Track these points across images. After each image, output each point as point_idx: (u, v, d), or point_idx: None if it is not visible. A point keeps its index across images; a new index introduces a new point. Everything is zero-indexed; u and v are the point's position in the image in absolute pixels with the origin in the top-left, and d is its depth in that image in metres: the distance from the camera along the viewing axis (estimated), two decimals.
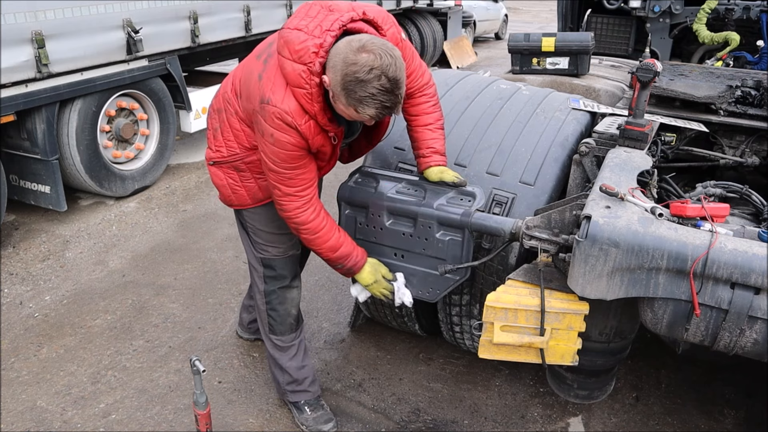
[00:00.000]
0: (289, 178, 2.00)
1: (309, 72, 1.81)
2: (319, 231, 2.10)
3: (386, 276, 2.24)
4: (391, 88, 1.75)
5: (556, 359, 1.99)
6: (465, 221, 2.08)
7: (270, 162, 1.98)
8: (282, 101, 1.87)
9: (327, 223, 2.12)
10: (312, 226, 2.08)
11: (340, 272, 2.24)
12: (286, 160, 1.95)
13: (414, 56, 2.17)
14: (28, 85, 4.04)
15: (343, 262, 2.16)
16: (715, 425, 2.67)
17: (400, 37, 2.06)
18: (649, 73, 2.10)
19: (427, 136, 2.23)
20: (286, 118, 1.87)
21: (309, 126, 1.91)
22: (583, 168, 2.33)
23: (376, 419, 2.66)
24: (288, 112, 1.87)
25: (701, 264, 1.65)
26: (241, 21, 5.90)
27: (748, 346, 1.74)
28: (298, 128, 1.89)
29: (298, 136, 1.91)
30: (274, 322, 2.46)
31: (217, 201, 4.83)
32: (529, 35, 3.55)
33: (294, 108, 1.87)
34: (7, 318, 3.35)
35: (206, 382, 2.78)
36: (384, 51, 1.74)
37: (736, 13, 4.06)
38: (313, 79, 1.82)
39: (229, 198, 2.31)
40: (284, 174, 1.99)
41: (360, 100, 1.76)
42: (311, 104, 1.86)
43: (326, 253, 2.14)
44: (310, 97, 1.85)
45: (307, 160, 2.01)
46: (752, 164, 2.69)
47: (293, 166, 1.98)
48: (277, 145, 1.92)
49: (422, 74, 2.20)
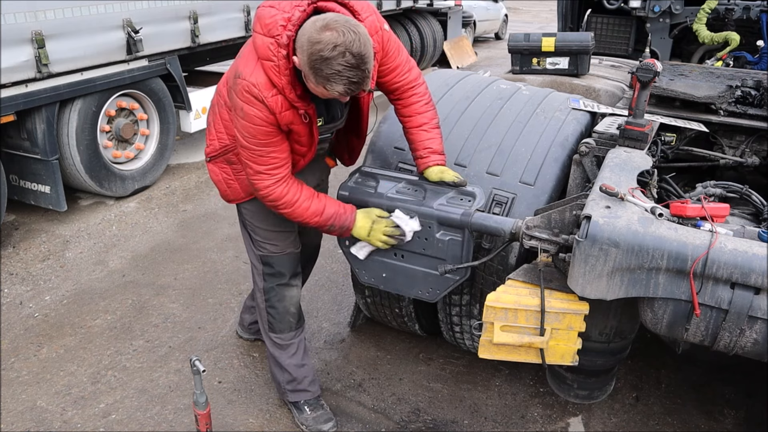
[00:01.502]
0: (259, 155, 2.01)
1: (276, 44, 1.85)
2: (294, 203, 2.10)
3: (381, 215, 2.17)
4: (357, 63, 1.76)
5: (556, 359, 1.99)
6: (465, 221, 2.08)
7: (242, 138, 2.00)
8: (251, 74, 1.90)
9: (302, 194, 2.11)
10: (286, 200, 2.09)
11: (335, 234, 2.22)
12: (255, 135, 1.97)
13: (400, 50, 2.18)
14: (28, 85, 4.04)
15: (333, 222, 2.16)
16: (715, 425, 2.67)
17: (382, 27, 2.08)
18: (649, 73, 2.10)
19: (423, 137, 2.23)
20: (253, 91, 1.90)
21: (276, 100, 1.92)
22: (583, 168, 2.33)
23: (376, 419, 2.66)
24: (255, 84, 1.89)
25: (701, 264, 1.65)
26: (241, 21, 5.90)
27: (748, 346, 1.74)
28: (264, 101, 1.90)
29: (265, 110, 1.92)
30: (273, 320, 2.47)
31: (217, 201, 4.84)
32: (529, 35, 3.55)
33: (262, 81, 1.90)
34: (7, 318, 3.35)
35: (206, 382, 2.78)
36: (347, 28, 1.76)
37: (736, 13, 4.06)
38: (280, 51, 1.85)
39: (225, 193, 2.35)
40: (255, 150, 2.00)
41: (327, 78, 1.78)
42: (278, 77, 1.88)
43: (312, 219, 2.14)
44: (277, 69, 1.87)
45: (278, 138, 2.01)
46: (752, 164, 2.69)
47: (263, 142, 1.98)
48: (247, 119, 1.94)
49: (409, 70, 2.21)
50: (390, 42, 2.13)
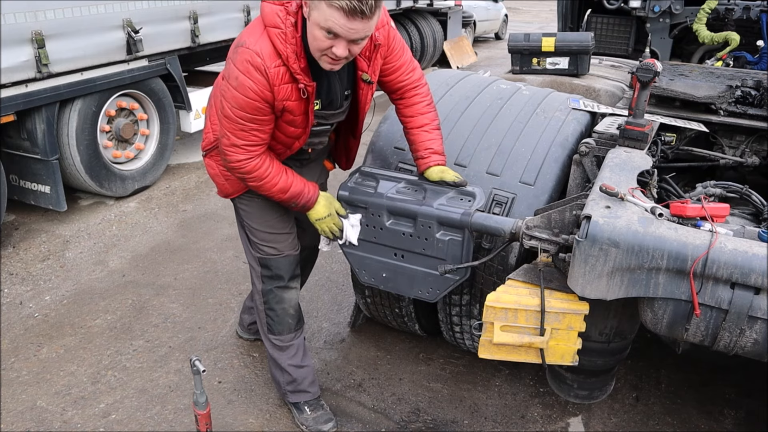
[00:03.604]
0: (240, 129, 1.98)
1: (285, 11, 1.86)
2: (264, 177, 2.10)
3: (339, 212, 2.26)
4: None
5: (556, 359, 1.99)
6: (465, 221, 2.08)
7: (227, 107, 1.96)
8: (255, 42, 1.89)
9: (273, 168, 2.11)
10: (257, 174, 2.09)
11: (296, 210, 2.26)
12: (243, 108, 1.94)
13: (404, 50, 2.19)
14: (28, 85, 4.04)
15: (296, 200, 2.18)
16: (715, 425, 2.67)
17: (389, 23, 2.08)
18: (649, 73, 2.09)
19: (425, 137, 2.24)
20: (255, 60, 1.88)
21: (278, 72, 1.90)
22: (583, 168, 2.33)
23: (376, 419, 2.66)
24: (259, 53, 1.88)
25: (701, 264, 1.64)
26: (241, 21, 5.90)
27: (748, 346, 1.74)
28: (267, 72, 1.88)
29: (263, 83, 1.90)
30: (272, 322, 2.47)
31: (217, 201, 4.84)
32: (529, 35, 3.55)
33: (267, 50, 1.88)
34: (7, 318, 3.35)
35: (206, 382, 2.78)
36: None
37: (736, 13, 4.06)
38: (288, 19, 1.86)
39: (222, 187, 2.35)
40: (237, 123, 1.97)
41: None
42: (284, 45, 1.88)
43: (278, 195, 2.16)
44: (284, 37, 1.87)
45: (266, 118, 1.99)
46: (752, 164, 2.69)
47: (249, 117, 1.96)
48: (239, 90, 1.91)
49: (413, 69, 2.22)
50: (395, 40, 2.13)
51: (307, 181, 2.22)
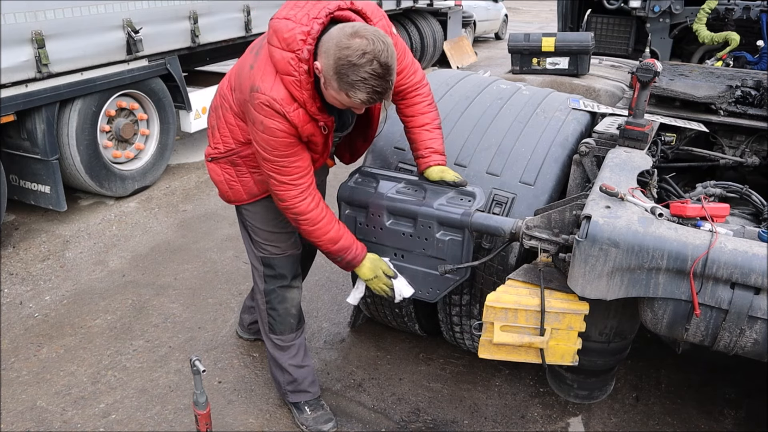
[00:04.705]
0: (282, 167, 2.00)
1: (297, 59, 1.83)
2: (318, 222, 2.10)
3: (387, 272, 2.23)
4: (383, 73, 1.76)
5: (556, 359, 1.99)
6: (465, 221, 2.08)
7: (263, 151, 1.98)
8: (271, 89, 1.88)
9: (326, 215, 2.12)
10: (311, 216, 2.08)
11: (339, 265, 2.23)
12: (277, 147, 1.96)
13: (406, 53, 2.18)
14: (28, 85, 4.04)
15: (343, 254, 2.16)
16: (715, 425, 2.67)
17: (391, 31, 2.08)
18: (649, 73, 2.10)
19: (425, 137, 2.24)
20: (274, 105, 1.88)
21: (298, 114, 1.91)
22: (583, 168, 2.33)
23: (376, 419, 2.66)
24: (277, 100, 1.88)
25: (701, 264, 1.64)
26: (241, 21, 5.90)
27: (748, 346, 1.74)
28: (286, 115, 1.90)
29: (287, 122, 1.91)
30: (273, 322, 2.46)
31: (217, 201, 4.84)
32: (529, 35, 3.55)
33: (283, 96, 1.88)
34: (7, 318, 3.35)
35: (206, 382, 2.78)
36: (377, 37, 1.76)
37: (736, 13, 4.06)
38: (301, 66, 1.84)
39: (226, 194, 2.33)
40: (277, 162, 1.99)
41: (352, 84, 1.77)
42: (300, 92, 1.87)
43: (326, 245, 2.14)
44: (299, 84, 1.86)
45: (299, 148, 2.01)
46: (752, 164, 2.69)
47: (285, 153, 1.98)
48: (268, 132, 1.93)
49: (414, 72, 2.21)
50: (398, 45, 2.12)
51: (359, 241, 2.21)
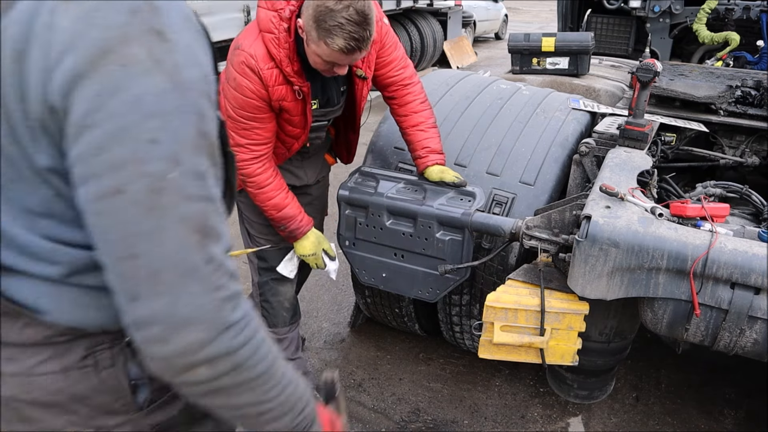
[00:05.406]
0: (244, 129, 2.04)
1: (279, 17, 1.91)
2: (263, 186, 2.14)
3: (329, 253, 2.33)
4: (359, 20, 1.78)
5: (556, 359, 1.99)
6: (465, 221, 2.09)
7: (230, 108, 2.02)
8: (250, 45, 1.95)
9: (274, 182, 2.16)
10: (257, 180, 2.12)
11: (282, 234, 2.29)
12: (244, 107, 2.00)
13: (396, 46, 2.23)
14: None
15: (286, 223, 2.22)
16: (715, 425, 2.67)
17: (382, 19, 2.13)
18: (649, 73, 2.10)
19: (421, 137, 2.25)
20: (250, 62, 1.94)
21: (271, 73, 1.96)
22: (583, 168, 2.33)
23: (376, 419, 2.66)
24: (253, 56, 1.94)
25: (701, 264, 1.64)
26: (241, 21, 5.90)
27: (748, 346, 1.74)
28: (260, 73, 1.94)
29: (258, 82, 1.96)
30: (267, 314, 2.50)
31: None
32: (529, 35, 3.55)
33: (261, 53, 1.94)
34: None
35: None
36: None
37: (736, 13, 4.06)
38: (281, 24, 1.91)
39: None
40: (240, 123, 2.03)
41: (329, 31, 1.79)
42: (277, 50, 1.92)
43: (270, 210, 2.19)
44: (277, 42, 1.92)
45: (266, 116, 2.05)
46: (752, 164, 2.69)
47: (250, 116, 2.02)
48: (238, 90, 1.98)
49: (405, 66, 2.25)
50: (388, 35, 2.18)
51: (306, 214, 2.27)
